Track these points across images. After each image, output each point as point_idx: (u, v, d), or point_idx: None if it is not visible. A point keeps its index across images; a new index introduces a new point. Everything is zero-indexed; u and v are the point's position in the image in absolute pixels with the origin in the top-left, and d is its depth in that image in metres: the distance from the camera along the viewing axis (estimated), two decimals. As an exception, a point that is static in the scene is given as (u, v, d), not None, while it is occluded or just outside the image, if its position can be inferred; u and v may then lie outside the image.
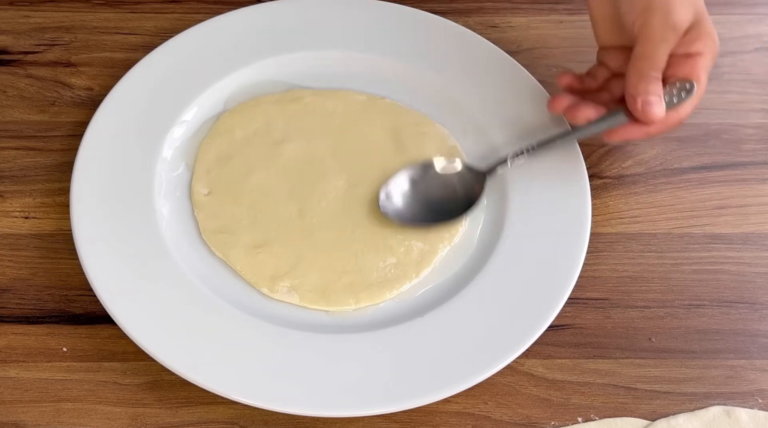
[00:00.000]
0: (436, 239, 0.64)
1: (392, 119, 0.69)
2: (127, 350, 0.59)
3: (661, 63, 0.61)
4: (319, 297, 0.61)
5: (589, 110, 0.64)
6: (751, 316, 0.63)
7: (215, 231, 0.64)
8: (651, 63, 0.61)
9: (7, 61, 0.73)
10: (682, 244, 0.66)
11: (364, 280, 0.62)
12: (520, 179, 0.66)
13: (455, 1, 0.78)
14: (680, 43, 0.62)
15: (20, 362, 0.59)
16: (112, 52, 0.74)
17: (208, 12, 0.75)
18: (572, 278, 0.61)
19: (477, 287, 0.61)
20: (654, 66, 0.61)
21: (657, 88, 0.61)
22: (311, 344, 0.58)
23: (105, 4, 0.77)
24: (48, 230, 0.64)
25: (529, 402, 0.59)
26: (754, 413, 0.59)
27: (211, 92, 0.69)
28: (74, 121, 0.70)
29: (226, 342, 0.58)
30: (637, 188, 0.69)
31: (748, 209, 0.68)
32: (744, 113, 0.73)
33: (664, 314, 0.63)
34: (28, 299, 0.62)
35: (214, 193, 0.65)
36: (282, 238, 0.63)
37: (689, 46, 0.62)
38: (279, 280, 0.61)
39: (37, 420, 0.57)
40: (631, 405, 0.59)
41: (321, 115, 0.69)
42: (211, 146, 0.67)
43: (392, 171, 0.66)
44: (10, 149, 0.68)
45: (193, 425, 0.57)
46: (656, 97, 0.61)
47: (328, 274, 0.62)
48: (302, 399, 0.56)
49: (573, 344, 0.62)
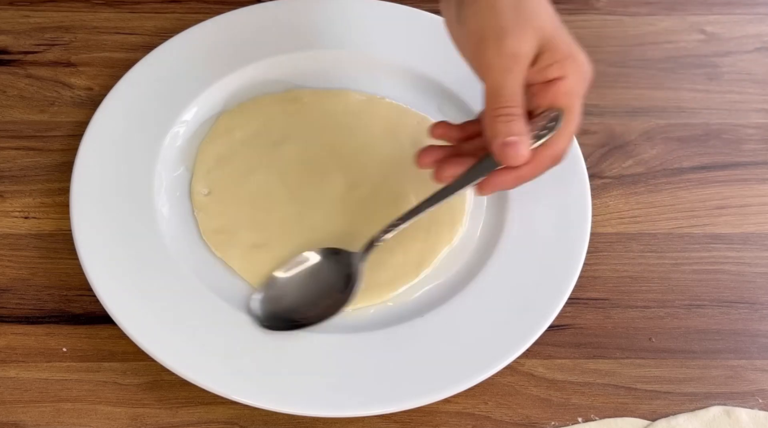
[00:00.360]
0: (436, 239, 0.64)
1: (392, 119, 0.69)
2: (127, 350, 0.59)
3: (513, 97, 0.54)
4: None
5: (453, 167, 0.57)
6: (751, 316, 0.63)
7: (215, 231, 0.64)
8: (501, 99, 0.54)
9: (7, 61, 0.73)
10: (682, 244, 0.66)
11: (363, 280, 0.62)
12: (520, 179, 0.66)
13: (455, 1, 0.78)
14: (534, 71, 0.54)
15: (20, 362, 0.59)
16: (112, 52, 0.74)
17: (208, 12, 0.75)
18: (572, 278, 0.61)
19: (477, 287, 0.61)
20: (505, 101, 0.53)
21: (515, 126, 0.53)
22: (311, 344, 0.58)
23: (105, 4, 0.77)
24: (48, 230, 0.64)
25: (529, 402, 0.59)
26: (754, 413, 0.59)
27: (211, 92, 0.69)
28: (74, 121, 0.70)
29: (225, 342, 0.58)
30: (637, 188, 0.69)
31: (748, 209, 0.68)
32: (744, 113, 0.73)
33: (664, 314, 0.63)
34: (28, 299, 0.62)
35: (214, 193, 0.65)
36: (282, 238, 0.63)
37: (545, 72, 0.54)
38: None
39: (37, 420, 0.57)
40: (631, 405, 0.59)
41: (320, 115, 0.69)
42: (211, 147, 0.67)
43: (392, 171, 0.66)
44: (10, 149, 0.68)
45: (193, 425, 0.57)
46: (515, 136, 0.53)
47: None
48: (302, 399, 0.56)
49: (573, 344, 0.62)
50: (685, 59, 0.76)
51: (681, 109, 0.73)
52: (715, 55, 0.76)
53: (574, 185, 0.65)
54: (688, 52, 0.77)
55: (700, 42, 0.77)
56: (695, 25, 0.78)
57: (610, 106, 0.73)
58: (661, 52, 0.76)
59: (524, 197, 0.65)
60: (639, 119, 0.72)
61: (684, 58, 0.76)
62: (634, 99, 0.73)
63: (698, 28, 0.78)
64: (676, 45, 0.77)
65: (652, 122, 0.72)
